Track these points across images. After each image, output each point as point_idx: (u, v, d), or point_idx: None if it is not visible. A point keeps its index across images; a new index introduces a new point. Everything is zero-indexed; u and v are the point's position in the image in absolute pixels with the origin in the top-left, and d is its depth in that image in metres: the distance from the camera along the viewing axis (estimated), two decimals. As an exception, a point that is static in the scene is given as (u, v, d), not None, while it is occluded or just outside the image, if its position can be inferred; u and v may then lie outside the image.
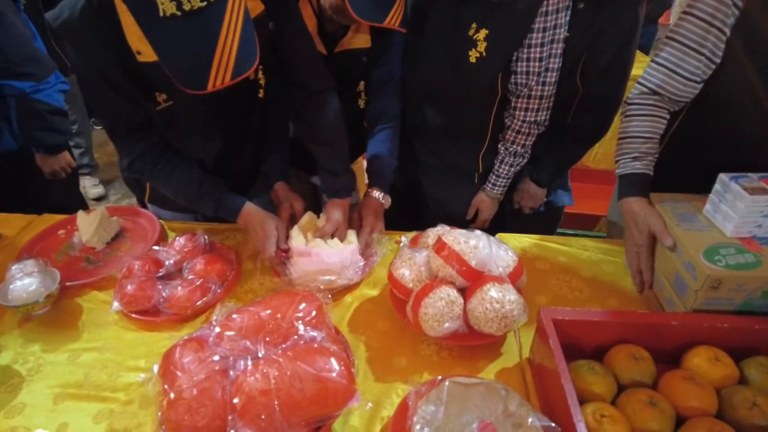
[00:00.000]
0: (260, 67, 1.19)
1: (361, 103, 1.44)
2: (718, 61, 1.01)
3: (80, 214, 1.29)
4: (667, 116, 1.11)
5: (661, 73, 1.08)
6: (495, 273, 0.97)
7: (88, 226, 1.27)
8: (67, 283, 1.14)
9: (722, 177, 0.97)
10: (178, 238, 1.23)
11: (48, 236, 1.32)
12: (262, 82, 1.22)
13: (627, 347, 0.89)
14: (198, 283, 1.09)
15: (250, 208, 1.19)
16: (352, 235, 1.17)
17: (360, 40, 1.30)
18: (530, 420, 0.74)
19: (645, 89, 1.11)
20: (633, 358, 0.87)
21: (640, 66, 2.65)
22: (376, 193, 1.33)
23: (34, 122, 1.72)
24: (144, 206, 1.46)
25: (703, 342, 0.89)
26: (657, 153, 1.09)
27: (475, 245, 0.96)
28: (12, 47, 1.62)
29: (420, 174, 1.57)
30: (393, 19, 1.09)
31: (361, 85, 1.40)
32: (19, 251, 1.25)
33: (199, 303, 1.06)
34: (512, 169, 1.43)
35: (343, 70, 1.32)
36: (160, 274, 1.15)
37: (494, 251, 0.99)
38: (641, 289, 1.07)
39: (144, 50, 0.97)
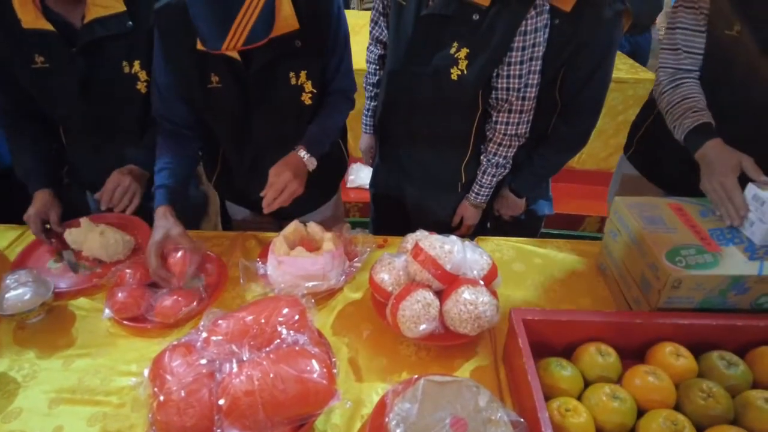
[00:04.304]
0: (138, 60, 1.23)
1: (306, 99, 1.25)
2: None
3: (68, 232, 1.29)
4: (697, 82, 1.24)
5: (673, 53, 1.26)
6: (469, 276, 1.02)
7: (79, 237, 1.29)
8: (65, 289, 1.18)
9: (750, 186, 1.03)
10: (167, 246, 1.26)
11: (39, 246, 1.33)
12: (141, 76, 1.24)
13: (594, 345, 0.93)
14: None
15: (161, 211, 1.19)
16: (331, 240, 1.19)
17: (285, 24, 1.11)
18: (499, 415, 0.79)
19: (668, 70, 1.27)
20: (599, 355, 0.91)
21: (627, 70, 2.69)
22: (302, 152, 1.22)
23: None
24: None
25: (665, 338, 0.94)
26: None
27: (449, 250, 1.01)
28: None
29: (405, 182, 1.60)
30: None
31: (303, 75, 1.21)
32: (12, 262, 1.28)
33: (187, 309, 1.10)
34: (494, 179, 1.47)
35: (274, 64, 1.16)
36: (150, 281, 1.18)
37: (469, 255, 1.03)
38: (737, 221, 1.03)
39: (25, 18, 1.14)
